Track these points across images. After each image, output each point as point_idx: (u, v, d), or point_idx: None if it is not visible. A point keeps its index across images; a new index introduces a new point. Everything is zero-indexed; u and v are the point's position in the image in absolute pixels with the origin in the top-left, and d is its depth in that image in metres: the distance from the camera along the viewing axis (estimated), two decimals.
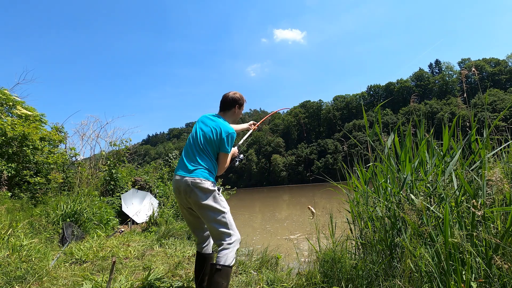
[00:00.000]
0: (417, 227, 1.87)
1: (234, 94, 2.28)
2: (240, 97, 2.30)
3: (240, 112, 2.32)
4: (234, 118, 2.31)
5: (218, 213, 2.01)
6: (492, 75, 73.13)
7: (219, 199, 2.06)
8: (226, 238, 1.98)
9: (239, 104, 2.29)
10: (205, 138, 2.11)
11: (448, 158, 2.32)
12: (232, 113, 2.28)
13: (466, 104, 2.74)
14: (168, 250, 3.74)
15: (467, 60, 79.67)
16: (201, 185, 1.98)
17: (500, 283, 1.51)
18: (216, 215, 2.00)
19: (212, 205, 2.00)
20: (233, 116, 2.29)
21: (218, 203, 2.03)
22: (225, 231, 1.99)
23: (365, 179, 2.78)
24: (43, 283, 2.48)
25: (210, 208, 2.00)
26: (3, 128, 4.98)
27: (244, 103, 2.33)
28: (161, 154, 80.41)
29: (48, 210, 4.33)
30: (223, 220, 2.01)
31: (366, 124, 2.79)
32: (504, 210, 1.67)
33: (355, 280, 2.13)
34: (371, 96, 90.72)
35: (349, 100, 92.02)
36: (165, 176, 8.52)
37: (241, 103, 2.30)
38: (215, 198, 2.03)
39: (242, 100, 2.31)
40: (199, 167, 2.04)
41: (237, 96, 2.28)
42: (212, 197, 2.02)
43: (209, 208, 2.00)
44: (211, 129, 2.12)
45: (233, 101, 2.26)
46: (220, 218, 2.01)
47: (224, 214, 2.03)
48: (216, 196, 2.04)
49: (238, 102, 2.28)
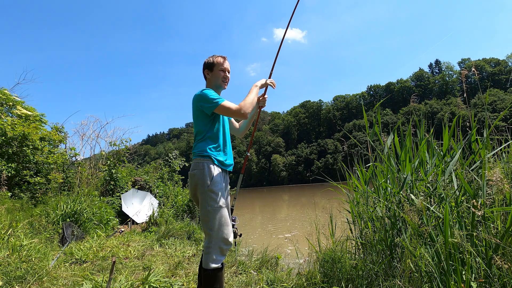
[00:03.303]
0: (417, 227, 1.87)
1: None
2: (207, 60, 2.07)
3: (215, 75, 2.04)
4: (211, 84, 2.06)
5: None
6: (492, 75, 73.14)
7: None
8: (206, 238, 1.86)
9: (207, 68, 2.06)
10: (193, 119, 2.01)
11: (448, 158, 2.32)
12: (207, 81, 2.08)
13: (466, 104, 2.74)
14: (168, 250, 3.74)
15: (467, 60, 79.66)
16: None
17: (500, 283, 1.51)
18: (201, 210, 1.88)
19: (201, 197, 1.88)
20: (209, 82, 2.07)
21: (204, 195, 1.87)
22: (206, 231, 1.85)
23: (365, 179, 2.78)
24: (43, 283, 2.48)
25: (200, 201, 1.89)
26: (3, 128, 4.98)
27: (213, 62, 2.04)
28: (161, 154, 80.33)
29: (48, 210, 4.33)
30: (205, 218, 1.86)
31: (366, 124, 2.79)
32: (504, 210, 1.67)
33: (355, 280, 2.13)
34: (371, 96, 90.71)
35: (349, 100, 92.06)
36: (165, 176, 8.52)
37: (209, 65, 2.05)
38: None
39: (208, 62, 2.06)
40: (193, 151, 1.97)
41: (204, 62, 2.09)
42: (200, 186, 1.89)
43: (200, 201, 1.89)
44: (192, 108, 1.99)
45: (203, 69, 2.10)
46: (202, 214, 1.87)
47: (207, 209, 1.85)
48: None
49: (205, 66, 2.07)
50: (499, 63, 76.53)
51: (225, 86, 2.10)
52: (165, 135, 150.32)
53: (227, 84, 2.11)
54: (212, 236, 1.82)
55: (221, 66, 2.04)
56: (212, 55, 2.09)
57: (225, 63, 2.06)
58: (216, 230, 1.82)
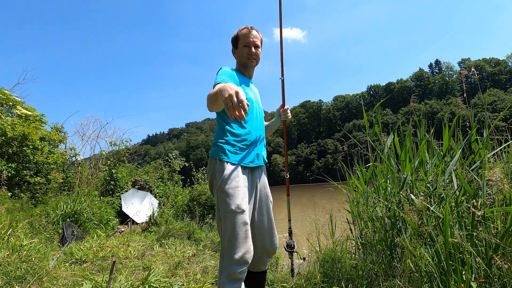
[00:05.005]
0: (417, 227, 1.87)
1: None
2: (232, 36, 1.83)
3: (239, 52, 1.77)
4: (238, 63, 1.83)
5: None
6: (492, 75, 73.16)
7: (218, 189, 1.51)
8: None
9: (232, 45, 1.83)
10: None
11: (448, 158, 2.32)
12: (235, 57, 1.84)
13: (466, 104, 2.73)
14: (168, 250, 3.74)
15: (467, 60, 79.70)
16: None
17: (500, 283, 1.51)
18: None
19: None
20: (236, 62, 1.84)
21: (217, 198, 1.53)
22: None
23: (365, 179, 2.78)
24: (43, 283, 2.48)
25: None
26: (3, 128, 4.98)
27: (236, 36, 1.79)
28: (161, 154, 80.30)
29: (48, 210, 4.33)
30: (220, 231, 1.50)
31: (366, 124, 2.79)
32: (504, 210, 1.67)
33: (355, 280, 2.13)
34: (371, 96, 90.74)
35: (349, 100, 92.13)
36: (165, 176, 8.52)
37: (233, 41, 1.82)
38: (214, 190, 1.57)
39: (233, 38, 1.82)
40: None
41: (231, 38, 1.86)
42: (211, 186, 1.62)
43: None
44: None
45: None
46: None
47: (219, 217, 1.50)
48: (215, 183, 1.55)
49: (232, 43, 1.84)
50: (499, 63, 76.55)
51: (252, 63, 1.76)
52: (165, 135, 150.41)
53: (255, 60, 1.77)
54: (222, 253, 1.45)
55: (244, 40, 1.74)
56: (239, 28, 1.81)
57: (250, 35, 1.73)
58: (226, 245, 1.43)
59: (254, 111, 1.71)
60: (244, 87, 1.70)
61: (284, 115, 1.96)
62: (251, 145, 1.66)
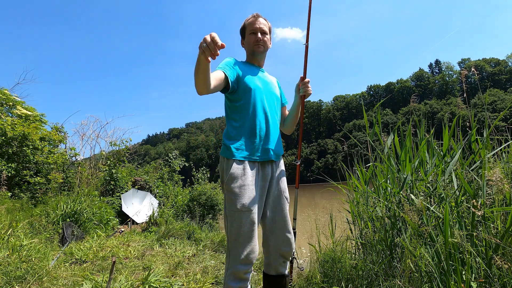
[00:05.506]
0: (417, 227, 1.87)
1: None
2: (240, 28, 1.78)
3: (247, 40, 1.71)
4: (246, 50, 1.76)
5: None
6: (492, 75, 73.18)
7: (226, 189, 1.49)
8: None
9: (241, 36, 1.77)
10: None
11: (448, 158, 2.32)
12: (245, 48, 1.77)
13: (466, 104, 2.73)
14: (168, 250, 3.74)
15: (467, 60, 79.73)
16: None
17: (500, 283, 1.51)
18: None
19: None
20: (246, 50, 1.76)
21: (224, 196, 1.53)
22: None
23: (365, 179, 2.78)
24: (43, 283, 2.48)
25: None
26: (3, 128, 4.98)
27: (243, 26, 1.74)
28: (161, 154, 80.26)
29: (48, 210, 4.33)
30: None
31: (366, 124, 2.79)
32: (504, 210, 1.67)
33: (355, 280, 2.13)
34: (371, 96, 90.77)
35: (349, 100, 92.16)
36: (165, 176, 8.53)
37: (241, 32, 1.76)
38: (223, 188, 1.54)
39: (240, 29, 1.76)
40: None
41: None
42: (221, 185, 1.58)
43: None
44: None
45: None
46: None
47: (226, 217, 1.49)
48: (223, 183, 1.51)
49: (240, 34, 1.78)
50: (499, 63, 76.58)
51: (259, 49, 1.68)
52: (165, 135, 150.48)
53: (262, 46, 1.68)
54: (228, 251, 1.46)
55: (251, 27, 1.67)
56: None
57: (257, 22, 1.67)
58: (231, 244, 1.45)
59: (258, 100, 1.60)
60: (250, 76, 1.61)
61: (304, 89, 1.78)
62: (257, 137, 1.56)
